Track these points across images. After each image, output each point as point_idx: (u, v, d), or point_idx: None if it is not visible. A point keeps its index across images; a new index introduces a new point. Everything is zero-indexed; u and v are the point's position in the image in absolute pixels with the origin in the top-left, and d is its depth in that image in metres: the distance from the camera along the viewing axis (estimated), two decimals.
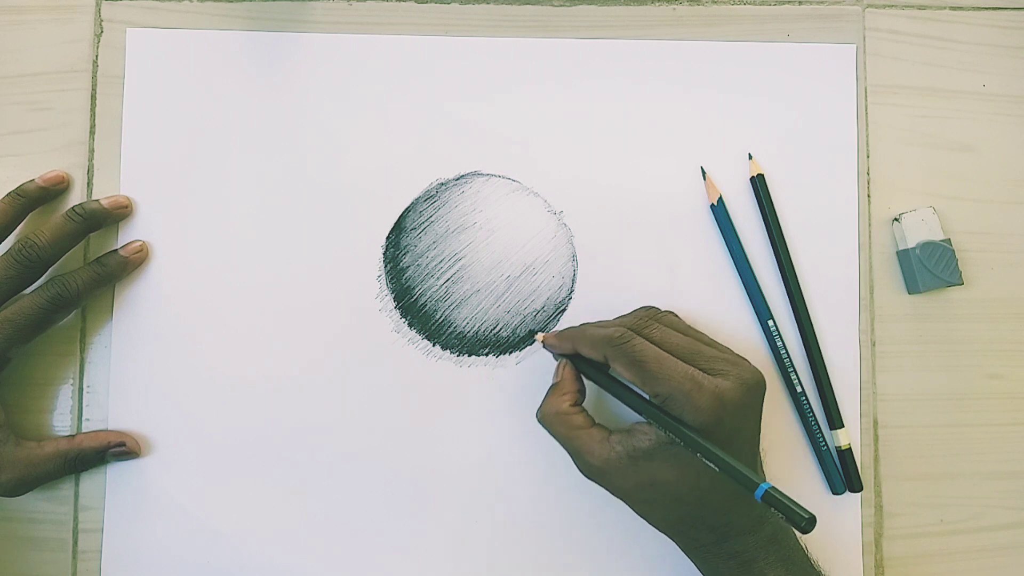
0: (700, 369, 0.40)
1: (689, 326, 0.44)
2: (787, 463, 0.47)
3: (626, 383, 0.42)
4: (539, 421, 0.44)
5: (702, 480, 0.40)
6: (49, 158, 0.48)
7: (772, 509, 0.36)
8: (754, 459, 0.42)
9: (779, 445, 0.48)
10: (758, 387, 0.41)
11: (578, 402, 0.43)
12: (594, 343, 0.42)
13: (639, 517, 0.43)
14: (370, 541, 0.47)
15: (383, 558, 0.47)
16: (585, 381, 0.44)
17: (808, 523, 0.35)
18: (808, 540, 0.43)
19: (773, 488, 0.36)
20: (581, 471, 0.43)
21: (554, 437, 0.43)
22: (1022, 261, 0.49)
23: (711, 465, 0.38)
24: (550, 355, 0.46)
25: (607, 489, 0.42)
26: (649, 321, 0.42)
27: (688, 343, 0.41)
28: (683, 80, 0.49)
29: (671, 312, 0.45)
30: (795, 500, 0.36)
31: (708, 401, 0.39)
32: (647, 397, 0.41)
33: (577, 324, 0.45)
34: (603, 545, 0.47)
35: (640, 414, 0.41)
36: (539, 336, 0.46)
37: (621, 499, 0.42)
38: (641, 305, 0.46)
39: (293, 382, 0.47)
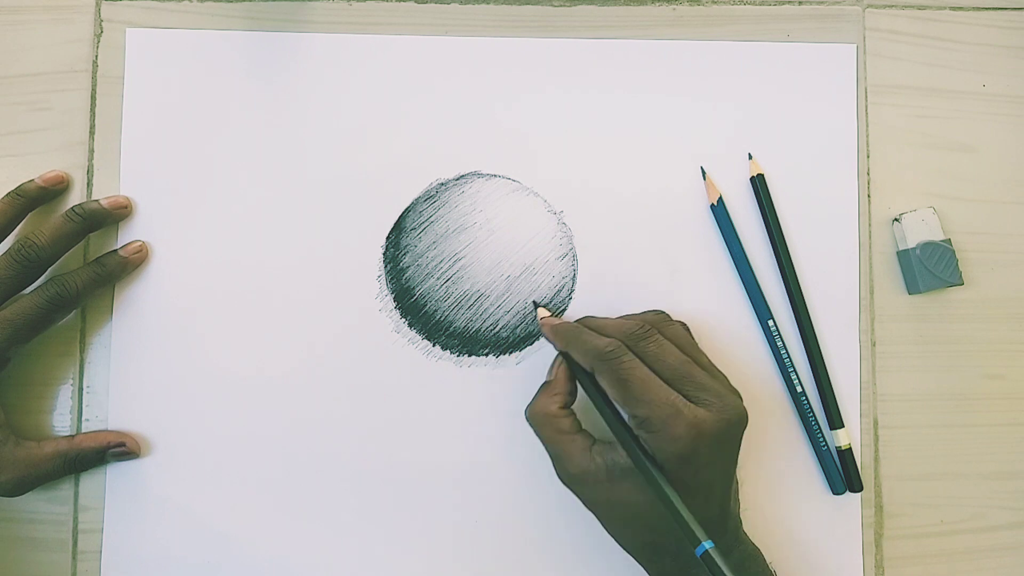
0: (686, 395, 0.39)
1: (693, 342, 0.43)
2: (787, 463, 0.47)
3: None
4: (527, 419, 0.43)
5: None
6: (49, 158, 0.48)
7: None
8: (727, 492, 0.41)
9: (779, 445, 0.48)
10: (739, 423, 0.40)
11: (567, 404, 0.43)
12: (585, 352, 0.41)
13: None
14: (370, 541, 0.47)
15: (383, 557, 0.47)
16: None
17: None
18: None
19: (713, 549, 0.37)
20: (559, 476, 0.42)
21: (539, 437, 0.43)
22: (1022, 261, 0.49)
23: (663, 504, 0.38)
24: (550, 356, 0.46)
25: (581, 500, 0.42)
26: (650, 333, 0.41)
27: (681, 364, 0.40)
28: (683, 80, 0.49)
29: (680, 323, 0.44)
30: (730, 569, 0.36)
31: (685, 430, 0.38)
32: (625, 417, 0.41)
33: (584, 315, 0.45)
34: (603, 546, 0.47)
35: (613, 434, 0.41)
36: (540, 318, 0.46)
37: (593, 512, 0.42)
38: (647, 308, 0.45)
39: (293, 382, 0.47)
